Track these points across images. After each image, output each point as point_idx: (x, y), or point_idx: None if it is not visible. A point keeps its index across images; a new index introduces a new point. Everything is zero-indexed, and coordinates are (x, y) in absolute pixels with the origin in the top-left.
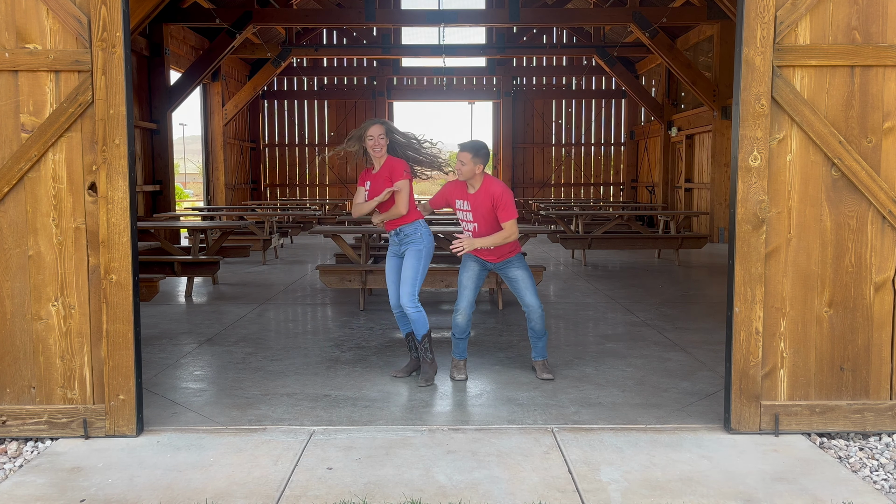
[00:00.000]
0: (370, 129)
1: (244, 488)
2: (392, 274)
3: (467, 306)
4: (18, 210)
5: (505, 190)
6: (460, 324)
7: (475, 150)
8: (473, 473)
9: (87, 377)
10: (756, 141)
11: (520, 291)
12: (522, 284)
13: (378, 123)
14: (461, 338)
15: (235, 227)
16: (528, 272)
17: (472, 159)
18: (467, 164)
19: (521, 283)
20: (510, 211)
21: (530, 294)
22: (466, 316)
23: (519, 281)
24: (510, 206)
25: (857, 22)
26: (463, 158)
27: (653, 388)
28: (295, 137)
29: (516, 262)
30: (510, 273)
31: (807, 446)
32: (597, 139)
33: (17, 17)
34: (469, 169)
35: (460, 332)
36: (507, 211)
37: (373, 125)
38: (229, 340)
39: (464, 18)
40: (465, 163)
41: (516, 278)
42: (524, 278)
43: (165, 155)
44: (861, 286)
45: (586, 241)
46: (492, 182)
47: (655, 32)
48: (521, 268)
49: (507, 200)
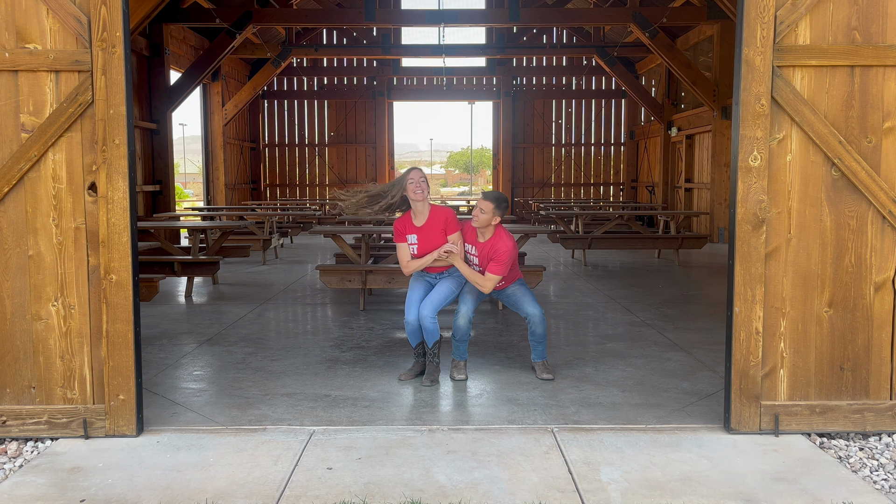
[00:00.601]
0: (411, 174)
1: (244, 488)
2: (419, 294)
3: (467, 310)
4: (18, 210)
5: (509, 250)
6: (461, 327)
7: (497, 202)
8: (473, 473)
9: (87, 377)
10: (756, 141)
11: (519, 304)
12: (520, 297)
13: (417, 168)
14: (462, 340)
15: (235, 227)
16: (525, 286)
17: (493, 210)
18: (487, 213)
19: (518, 297)
20: (500, 268)
21: (529, 303)
22: (467, 319)
23: (516, 295)
24: (504, 265)
25: (857, 22)
26: (484, 207)
27: (653, 388)
28: (295, 137)
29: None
30: (506, 291)
31: (807, 446)
32: (597, 139)
33: (17, 17)
34: (487, 219)
35: (461, 335)
36: (497, 266)
37: (413, 170)
38: (229, 340)
39: (464, 18)
40: (484, 211)
41: (513, 294)
42: (520, 292)
43: (165, 155)
44: (861, 286)
45: (586, 241)
46: (501, 237)
47: (655, 32)
48: (516, 284)
49: (504, 259)
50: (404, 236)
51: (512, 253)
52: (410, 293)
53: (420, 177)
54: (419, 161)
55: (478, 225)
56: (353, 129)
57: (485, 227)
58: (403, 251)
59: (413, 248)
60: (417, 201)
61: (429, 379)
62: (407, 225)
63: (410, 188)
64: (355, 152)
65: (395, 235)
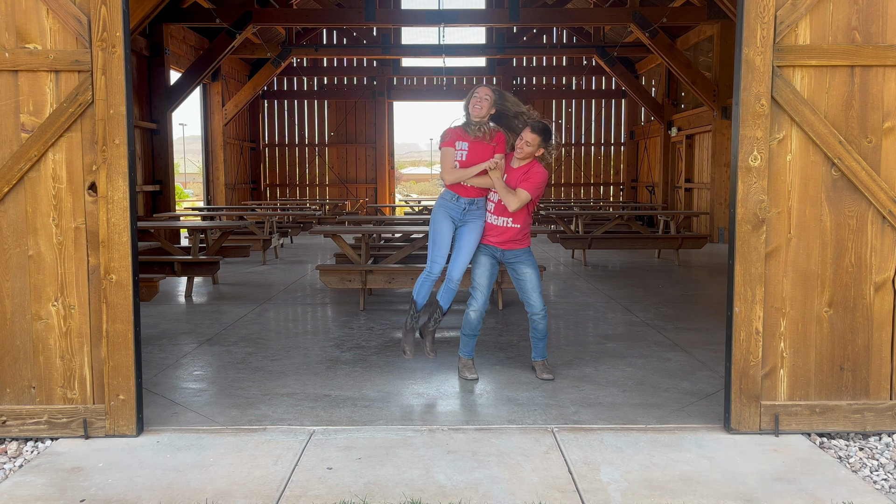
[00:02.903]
0: (477, 90)
1: (244, 488)
2: (445, 240)
3: (481, 305)
4: (18, 210)
5: (544, 173)
6: (472, 321)
7: (544, 134)
8: (473, 473)
9: (87, 377)
10: (756, 141)
11: (527, 291)
12: (530, 284)
13: (485, 86)
14: (471, 336)
15: (235, 227)
16: (537, 272)
17: (539, 142)
18: (532, 145)
19: (528, 283)
20: (532, 186)
21: (536, 295)
22: (480, 313)
23: (527, 281)
24: (537, 185)
25: (857, 22)
26: (530, 139)
27: (653, 388)
28: (295, 137)
29: (526, 257)
30: (519, 269)
31: (807, 446)
32: (597, 139)
33: (17, 17)
34: (531, 151)
35: (471, 330)
36: (530, 184)
37: (480, 87)
38: (229, 340)
39: (464, 18)
40: (530, 144)
41: (525, 277)
42: (532, 278)
43: (165, 155)
44: (861, 286)
45: (586, 241)
46: (537, 164)
47: (655, 32)
48: (530, 266)
49: (537, 180)
50: (454, 142)
51: (545, 178)
52: (436, 239)
53: (486, 93)
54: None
55: (521, 156)
56: (353, 129)
57: (528, 158)
58: (448, 157)
59: (461, 155)
60: (477, 117)
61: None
62: (460, 133)
63: (473, 102)
64: (355, 152)
65: (444, 140)
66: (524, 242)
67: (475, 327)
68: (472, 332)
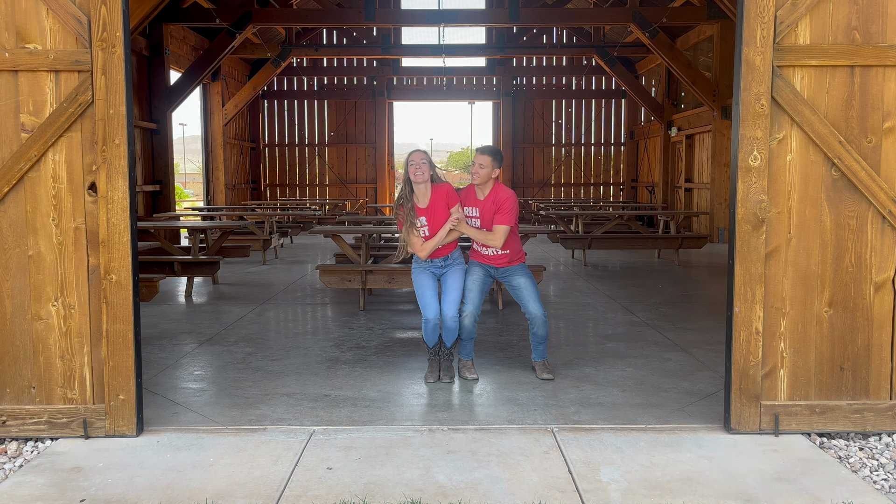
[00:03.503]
0: (411, 157)
1: (244, 488)
2: (431, 290)
3: (473, 309)
4: (18, 210)
5: (511, 197)
6: (467, 326)
7: (494, 154)
8: (473, 473)
9: (87, 377)
10: (756, 141)
11: (523, 300)
12: (526, 293)
13: (418, 151)
14: (468, 339)
15: (235, 227)
16: (532, 280)
17: (491, 162)
18: (486, 167)
19: (524, 292)
20: (507, 217)
21: (533, 302)
22: (473, 318)
23: (522, 289)
24: (510, 213)
25: (857, 22)
26: (482, 161)
27: (653, 388)
28: (295, 137)
29: (519, 270)
30: (513, 282)
31: (807, 446)
32: (597, 139)
33: (17, 17)
34: (487, 173)
35: (467, 335)
36: (504, 216)
37: (413, 152)
38: (229, 340)
39: (464, 18)
40: (483, 166)
41: (519, 286)
42: (527, 286)
43: (165, 155)
44: (861, 286)
45: (586, 241)
46: (501, 189)
47: (655, 32)
48: (524, 276)
49: (508, 206)
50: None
51: (514, 200)
52: (422, 291)
53: (421, 158)
54: None
55: (479, 181)
56: (353, 129)
57: (485, 182)
58: (413, 239)
59: (424, 231)
60: (419, 183)
61: (447, 376)
62: (411, 211)
63: (411, 170)
64: (355, 152)
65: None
66: (518, 260)
67: (470, 332)
68: (468, 335)
